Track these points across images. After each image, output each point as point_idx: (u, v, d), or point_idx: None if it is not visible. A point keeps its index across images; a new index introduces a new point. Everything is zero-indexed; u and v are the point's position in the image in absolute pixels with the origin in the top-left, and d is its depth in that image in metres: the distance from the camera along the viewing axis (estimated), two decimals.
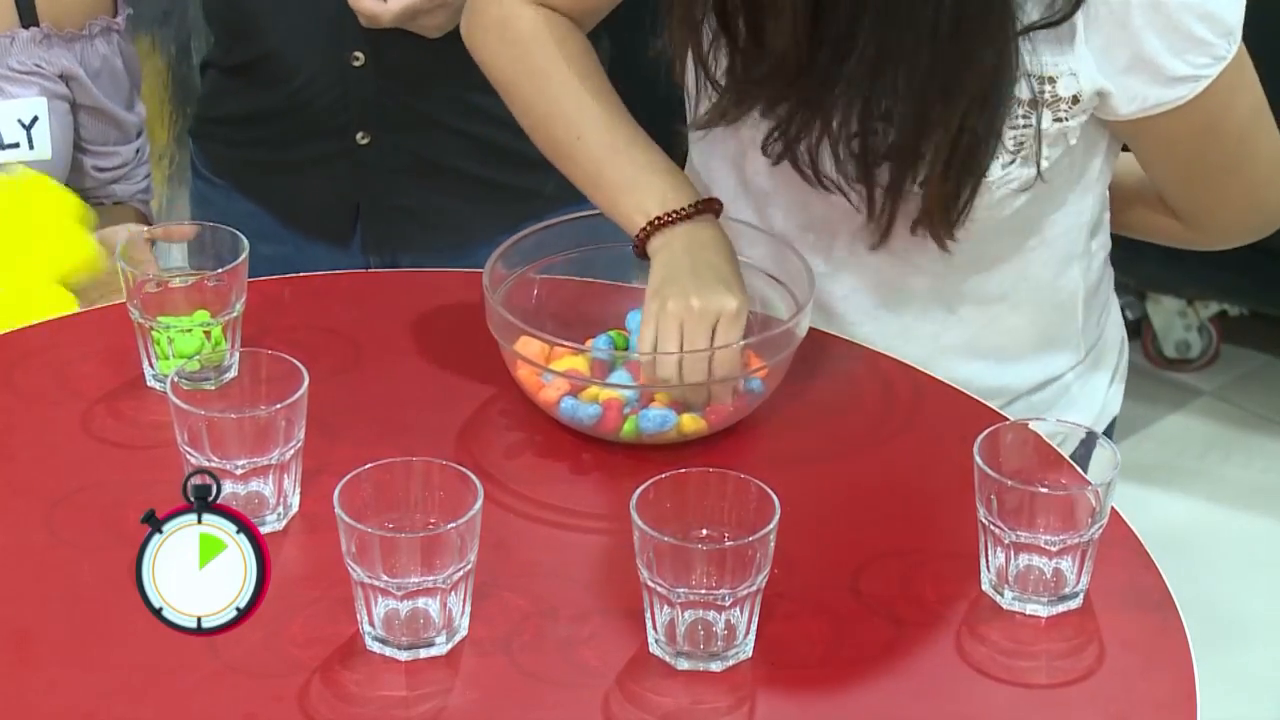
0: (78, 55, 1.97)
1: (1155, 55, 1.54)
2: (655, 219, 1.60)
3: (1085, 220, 1.70)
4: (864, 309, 1.70)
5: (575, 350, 1.55)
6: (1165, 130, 1.60)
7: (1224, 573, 2.94)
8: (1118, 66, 1.55)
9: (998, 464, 1.38)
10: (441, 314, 1.73)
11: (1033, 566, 1.38)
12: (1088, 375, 1.78)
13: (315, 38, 2.00)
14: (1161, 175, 1.69)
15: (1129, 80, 1.55)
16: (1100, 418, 1.80)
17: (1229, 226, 1.73)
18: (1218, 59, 1.55)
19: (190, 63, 3.06)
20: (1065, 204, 1.66)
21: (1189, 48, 1.54)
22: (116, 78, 2.02)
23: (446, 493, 1.34)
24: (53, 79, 1.94)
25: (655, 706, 1.30)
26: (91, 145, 2.03)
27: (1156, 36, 1.53)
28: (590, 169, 1.66)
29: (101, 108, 2.00)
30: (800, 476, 1.52)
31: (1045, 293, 1.71)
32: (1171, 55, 1.54)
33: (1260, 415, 3.36)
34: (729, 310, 1.54)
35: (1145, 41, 1.53)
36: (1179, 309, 3.47)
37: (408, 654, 1.32)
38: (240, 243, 1.60)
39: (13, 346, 1.68)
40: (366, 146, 2.03)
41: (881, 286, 1.69)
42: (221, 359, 1.56)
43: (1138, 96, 1.56)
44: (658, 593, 1.31)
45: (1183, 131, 1.60)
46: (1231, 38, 1.55)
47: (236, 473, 1.42)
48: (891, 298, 1.69)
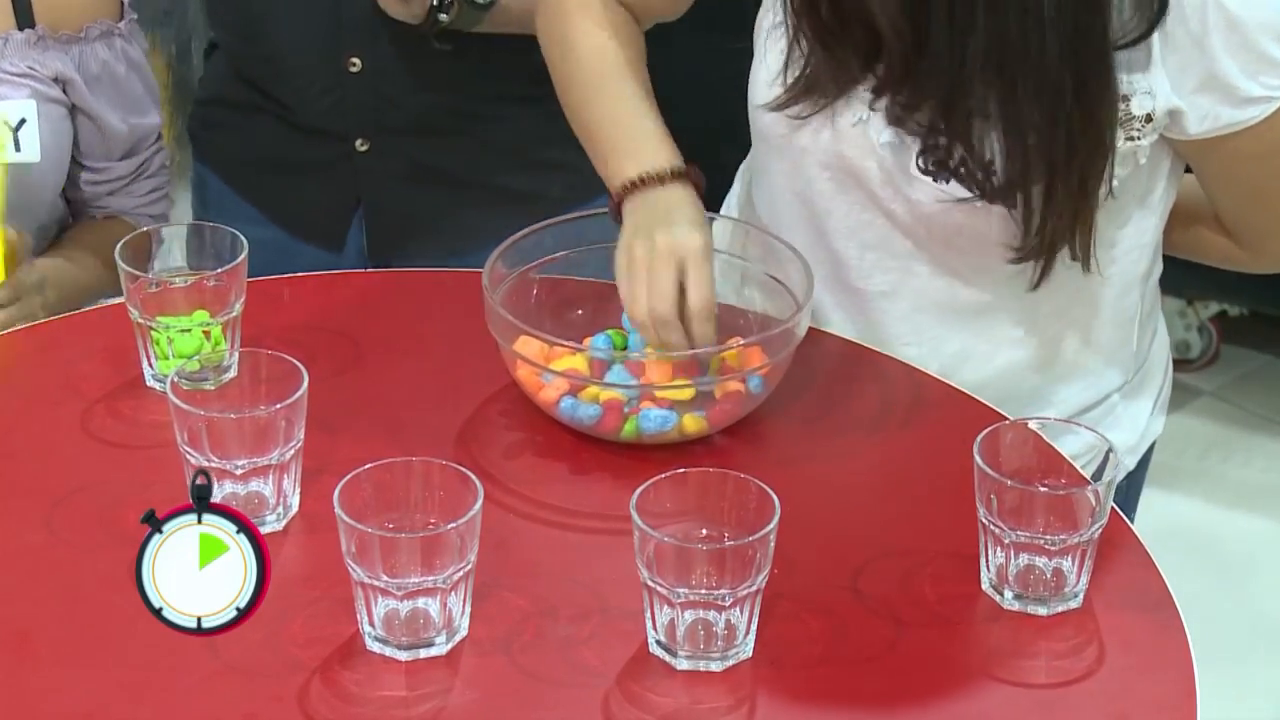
0: (75, 59, 1.94)
1: (1229, 76, 1.54)
2: (631, 182, 1.60)
3: (1148, 240, 1.69)
4: (921, 330, 1.69)
5: (574, 350, 1.55)
6: (1233, 150, 1.59)
7: (1224, 573, 2.94)
8: (1190, 86, 1.55)
9: (998, 464, 1.38)
10: (441, 314, 1.73)
11: (1033, 566, 1.38)
12: (1133, 397, 1.77)
13: (312, 43, 1.99)
14: (1222, 196, 1.69)
15: (1201, 99, 1.55)
16: (1144, 438, 1.79)
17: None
18: None
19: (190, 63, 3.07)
20: (1129, 224, 1.65)
21: (1263, 69, 1.54)
22: (118, 85, 1.98)
23: (446, 493, 1.34)
24: (46, 82, 1.91)
25: (655, 706, 1.30)
26: (83, 155, 1.99)
27: (1231, 57, 1.53)
28: (591, 136, 1.69)
29: (93, 116, 1.97)
30: (800, 476, 1.52)
31: (1107, 313, 1.70)
32: (1245, 76, 1.54)
33: (1260, 415, 3.35)
34: (693, 246, 1.55)
35: (1220, 62, 1.53)
36: (1179, 309, 3.47)
37: (408, 654, 1.32)
38: (240, 243, 1.60)
39: (13, 346, 1.69)
40: (366, 153, 2.03)
41: (942, 307, 1.68)
42: (221, 359, 1.56)
43: (1209, 116, 1.56)
44: (658, 593, 1.31)
45: (1251, 152, 1.59)
46: None
47: (236, 473, 1.42)
48: (951, 319, 1.69)
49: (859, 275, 1.68)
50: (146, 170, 2.04)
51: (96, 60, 1.96)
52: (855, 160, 1.63)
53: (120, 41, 1.98)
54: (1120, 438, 1.73)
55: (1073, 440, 1.49)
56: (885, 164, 1.61)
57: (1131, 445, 1.77)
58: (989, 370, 1.69)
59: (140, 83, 2.01)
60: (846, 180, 1.65)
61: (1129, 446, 1.76)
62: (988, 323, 1.69)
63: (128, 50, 1.99)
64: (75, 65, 1.93)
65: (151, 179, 2.05)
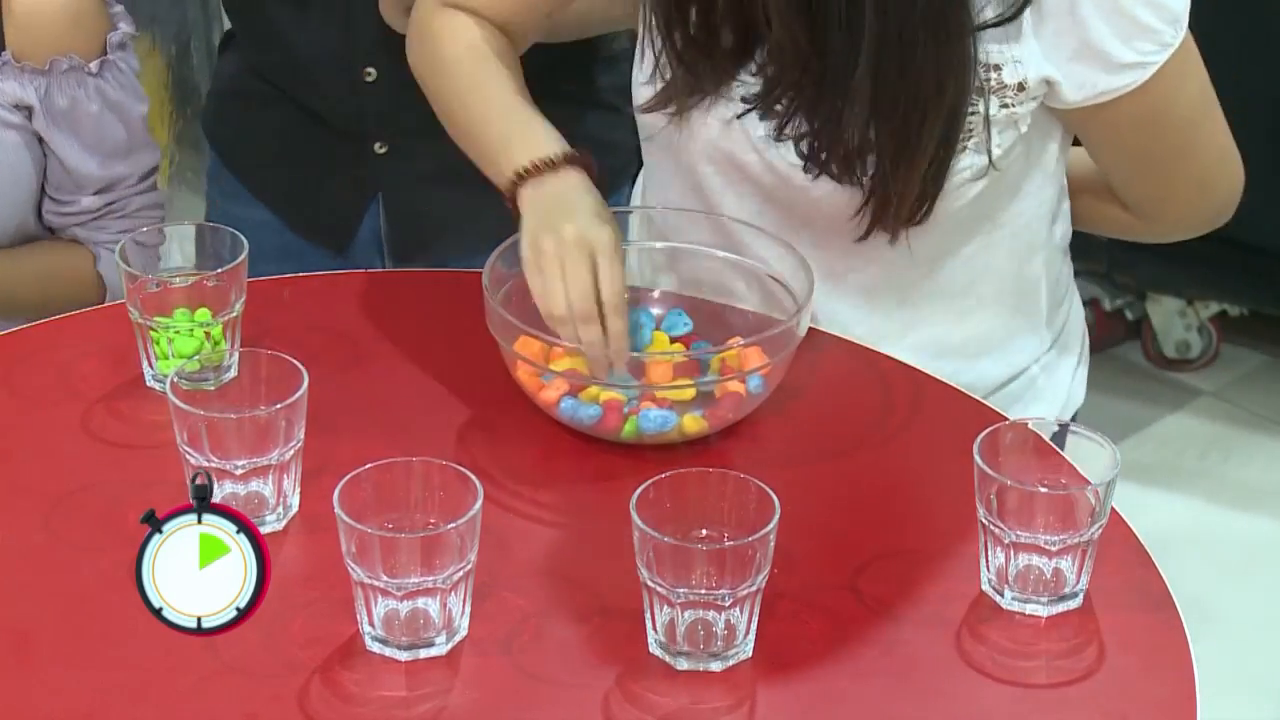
0: (39, 89, 1.89)
1: (1103, 42, 1.55)
2: (523, 170, 1.60)
3: (1046, 210, 1.71)
4: (829, 314, 1.70)
5: (575, 350, 1.55)
6: (1113, 118, 1.61)
7: (1224, 573, 2.94)
8: (1065, 54, 1.56)
9: (998, 464, 1.38)
10: (441, 314, 1.73)
11: (1032, 566, 1.38)
12: (1053, 366, 1.79)
13: (327, 54, 1.99)
14: (1110, 164, 1.70)
15: (1077, 68, 1.57)
16: (1066, 407, 1.80)
17: (1179, 216, 1.75)
18: (1165, 46, 1.56)
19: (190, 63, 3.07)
20: (1023, 193, 1.67)
21: (1136, 34, 1.55)
22: (88, 123, 1.92)
23: (446, 493, 1.34)
24: (8, 109, 1.88)
25: (655, 706, 1.30)
26: (49, 186, 1.95)
27: (1104, 23, 1.54)
28: (473, 136, 1.68)
29: (54, 149, 1.92)
30: (800, 476, 1.52)
31: (1010, 284, 1.72)
32: (1119, 42, 1.55)
33: (1260, 415, 3.35)
34: (603, 239, 1.54)
35: (1093, 29, 1.55)
36: (1179, 309, 3.47)
37: (408, 654, 1.32)
38: (240, 243, 1.60)
39: (13, 346, 1.68)
40: (384, 155, 2.03)
41: (845, 287, 1.69)
42: (221, 359, 1.56)
43: (1085, 84, 1.57)
44: (658, 593, 1.31)
45: (1130, 119, 1.61)
46: (1178, 25, 1.57)
47: (236, 473, 1.42)
48: (856, 299, 1.70)
49: (761, 263, 1.68)
50: (120, 210, 1.99)
51: (64, 95, 1.91)
52: (737, 154, 1.65)
53: (94, 80, 1.92)
54: (1043, 409, 1.75)
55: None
56: (765, 156, 1.63)
57: (1057, 412, 1.78)
58: (901, 349, 1.69)
59: (120, 125, 1.96)
60: (732, 173, 1.67)
61: (1055, 414, 1.77)
62: (887, 304, 1.70)
63: (104, 89, 1.93)
64: (38, 96, 1.89)
65: (125, 219, 1.99)
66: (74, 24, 1.91)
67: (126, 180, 1.99)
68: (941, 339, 1.72)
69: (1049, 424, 1.48)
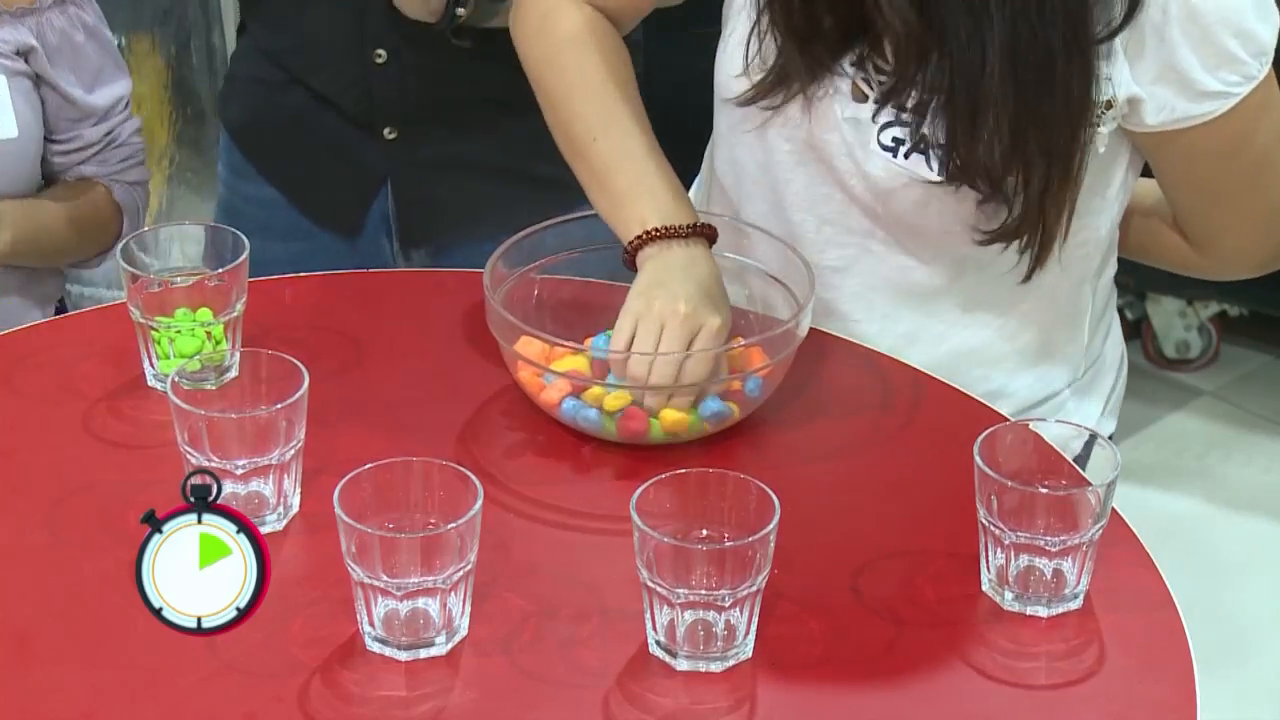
0: (34, 29, 1.92)
1: (1188, 68, 1.54)
2: (652, 230, 1.59)
3: (1103, 235, 1.69)
4: (873, 307, 1.70)
5: (575, 350, 1.55)
6: (1189, 145, 1.59)
7: (1224, 573, 2.94)
8: (1150, 75, 1.55)
9: (998, 464, 1.38)
10: (441, 314, 1.73)
11: (1033, 567, 1.38)
12: (1084, 395, 1.78)
13: (337, 35, 2.00)
14: (1178, 192, 1.69)
15: (1159, 90, 1.56)
16: None
17: (1239, 252, 1.72)
18: (1249, 78, 1.55)
19: (190, 63, 3.06)
20: (1084, 216, 1.65)
21: (1222, 64, 1.54)
22: (77, 54, 1.96)
23: (446, 493, 1.34)
24: (11, 56, 1.90)
25: (655, 706, 1.30)
26: (50, 128, 1.97)
27: (1191, 50, 1.53)
28: (600, 172, 1.66)
29: (56, 86, 1.95)
30: (800, 476, 1.52)
31: (1059, 307, 1.71)
32: (1204, 70, 1.54)
33: (1260, 415, 3.35)
34: (712, 325, 1.54)
35: (1179, 53, 1.53)
36: (1179, 309, 3.47)
37: (408, 654, 1.32)
38: (241, 242, 1.60)
39: (13, 346, 1.69)
40: (394, 141, 2.04)
41: (896, 286, 1.69)
42: (222, 359, 1.56)
43: (1166, 107, 1.56)
44: (658, 593, 1.31)
45: (1206, 148, 1.60)
46: (1264, 58, 1.55)
47: (236, 473, 1.42)
48: (904, 299, 1.69)
49: (814, 249, 1.67)
50: (116, 139, 2.02)
51: (54, 30, 1.94)
52: (818, 133, 1.64)
53: (73, 8, 1.96)
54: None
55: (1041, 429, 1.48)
56: (846, 137, 1.62)
57: None
58: (937, 353, 1.69)
59: (99, 47, 1.99)
60: (807, 153, 1.66)
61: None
62: (938, 306, 1.69)
63: (82, 16, 1.97)
64: (35, 35, 1.92)
65: (122, 147, 2.03)
66: None
67: (117, 106, 2.02)
68: (981, 350, 1.71)
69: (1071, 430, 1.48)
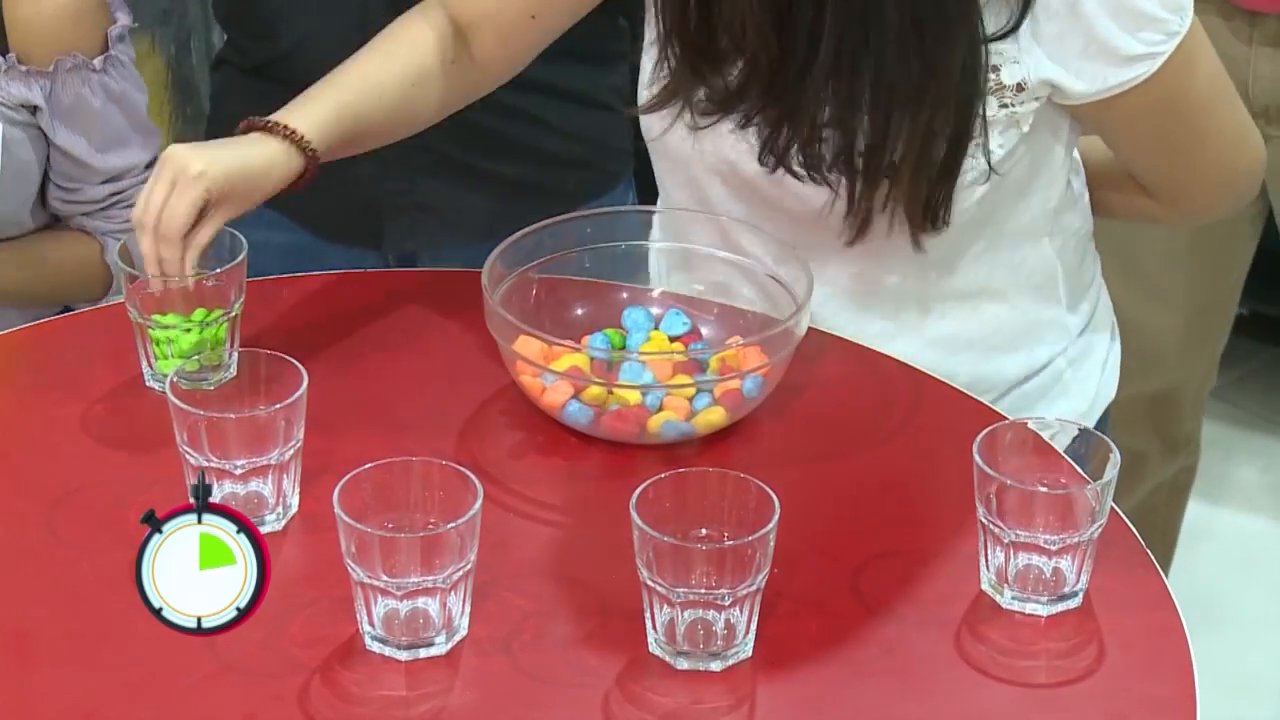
0: (44, 90, 1.91)
1: (1109, 37, 1.55)
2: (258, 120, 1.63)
3: (1052, 205, 1.70)
4: (840, 313, 1.70)
5: (574, 349, 1.55)
6: (1127, 109, 1.61)
7: (1224, 573, 2.94)
8: (1073, 53, 1.56)
9: (997, 463, 1.38)
10: (441, 314, 1.73)
11: (1032, 566, 1.38)
12: (1081, 361, 1.78)
13: (331, 39, 2.00)
14: (1130, 155, 1.71)
15: (1086, 65, 1.57)
16: (1095, 405, 1.80)
17: (1204, 199, 1.75)
18: (1172, 34, 1.57)
19: (190, 63, 3.06)
20: (1031, 193, 1.67)
21: (1142, 26, 1.56)
22: (92, 118, 1.95)
23: (446, 493, 1.34)
24: (15, 108, 1.90)
25: (655, 706, 1.30)
26: (55, 177, 1.97)
27: (1110, 18, 1.55)
28: None
29: (61, 146, 1.94)
30: (800, 476, 1.52)
31: (1022, 277, 1.72)
32: (1126, 35, 1.56)
33: (1260, 415, 3.35)
34: (190, 170, 1.54)
35: (1099, 25, 1.55)
36: None
37: (407, 654, 1.32)
38: (240, 243, 1.60)
39: (13, 346, 1.69)
40: (388, 146, 2.03)
41: (855, 290, 1.69)
42: (221, 359, 1.56)
43: (1096, 79, 1.58)
44: (658, 593, 1.31)
45: (1144, 109, 1.61)
46: (1184, 12, 1.57)
47: (236, 473, 1.42)
48: (867, 300, 1.70)
49: (761, 263, 1.68)
50: (126, 200, 2.01)
51: (69, 92, 1.93)
52: (741, 165, 1.65)
53: (97, 76, 1.94)
54: (1071, 406, 1.75)
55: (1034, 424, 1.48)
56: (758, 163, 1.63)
57: (1083, 412, 1.78)
58: (920, 343, 1.70)
59: (123, 116, 1.98)
60: (740, 186, 1.67)
61: (1080, 413, 1.77)
62: (903, 302, 1.70)
63: (107, 84, 1.95)
64: (44, 96, 1.91)
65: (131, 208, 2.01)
66: (75, 23, 1.91)
67: (133, 170, 2.01)
68: (957, 336, 1.71)
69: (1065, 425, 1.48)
